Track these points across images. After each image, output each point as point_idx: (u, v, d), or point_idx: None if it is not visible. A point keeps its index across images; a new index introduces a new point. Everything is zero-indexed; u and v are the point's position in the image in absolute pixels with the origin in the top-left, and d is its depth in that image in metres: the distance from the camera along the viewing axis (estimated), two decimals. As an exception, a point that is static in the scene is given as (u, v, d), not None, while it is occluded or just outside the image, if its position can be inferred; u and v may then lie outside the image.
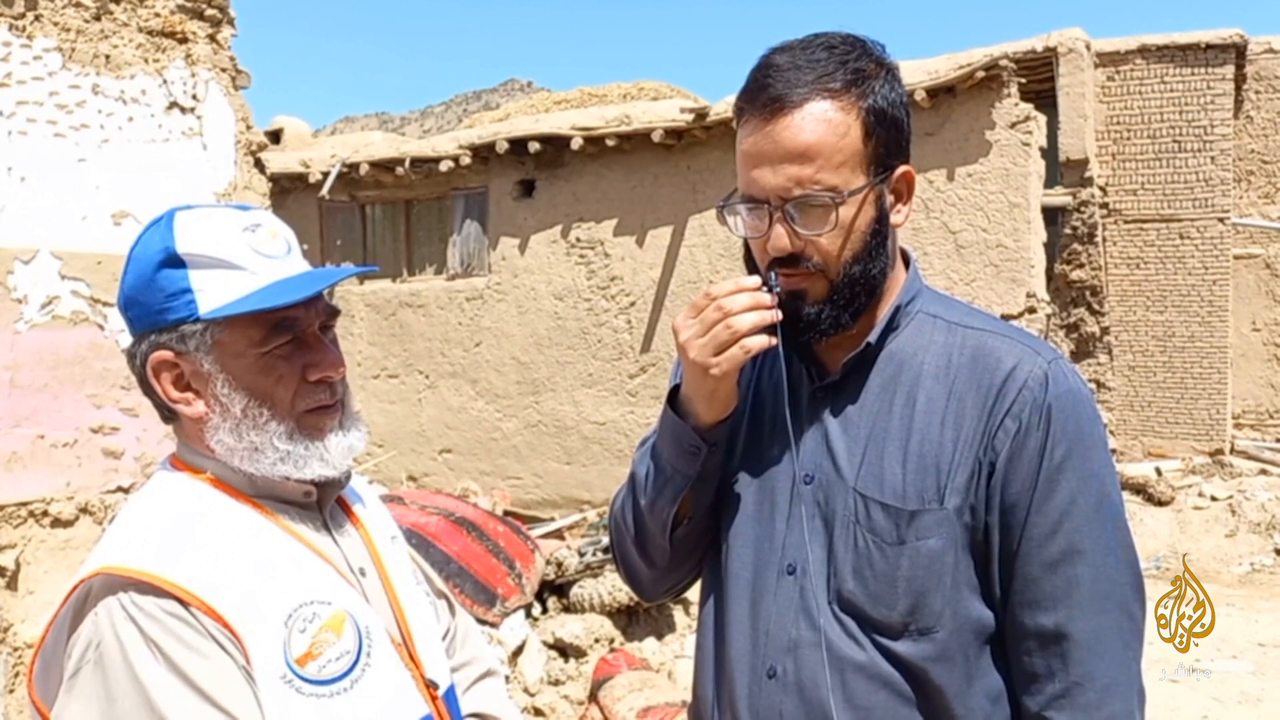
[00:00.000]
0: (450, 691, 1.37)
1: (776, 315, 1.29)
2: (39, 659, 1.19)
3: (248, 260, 1.23)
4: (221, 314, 1.20)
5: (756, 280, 1.31)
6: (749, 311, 1.28)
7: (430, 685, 1.31)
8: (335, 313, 1.31)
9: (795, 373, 1.41)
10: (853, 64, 1.29)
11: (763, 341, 1.29)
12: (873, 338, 1.35)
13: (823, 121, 1.26)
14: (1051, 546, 1.27)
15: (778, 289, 1.30)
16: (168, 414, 1.29)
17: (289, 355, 1.24)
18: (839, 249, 1.29)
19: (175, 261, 1.21)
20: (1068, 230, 11.27)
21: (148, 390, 1.27)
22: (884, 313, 1.37)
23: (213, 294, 1.21)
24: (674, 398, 1.38)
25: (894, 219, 1.34)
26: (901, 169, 1.34)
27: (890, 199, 1.34)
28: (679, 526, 1.43)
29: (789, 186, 1.27)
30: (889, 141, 1.31)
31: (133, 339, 1.27)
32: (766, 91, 1.28)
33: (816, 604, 1.32)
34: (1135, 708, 1.29)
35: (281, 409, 1.24)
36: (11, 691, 3.37)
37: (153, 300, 1.22)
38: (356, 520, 1.39)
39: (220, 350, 1.22)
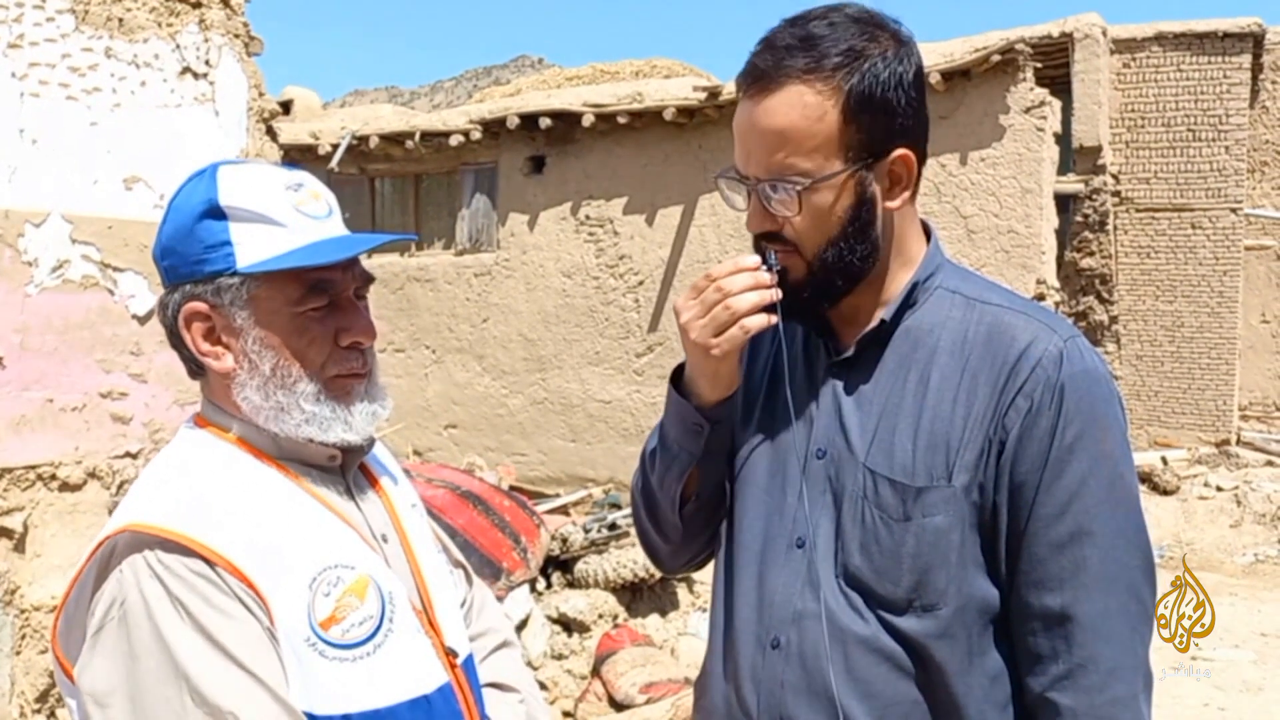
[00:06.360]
0: (469, 660, 1.37)
1: (776, 294, 1.29)
2: (62, 615, 1.18)
3: (289, 218, 1.22)
4: (260, 269, 1.19)
5: (756, 259, 1.30)
6: (748, 292, 1.28)
7: (450, 653, 1.31)
8: (370, 279, 1.30)
9: (813, 347, 1.41)
10: (848, 42, 1.25)
11: (762, 321, 1.29)
12: (887, 315, 1.34)
13: (796, 106, 1.24)
14: (1059, 527, 1.26)
15: (777, 267, 1.30)
16: (195, 368, 1.28)
17: (323, 318, 1.23)
18: (811, 234, 1.29)
19: (216, 213, 1.20)
20: (1079, 217, 11.21)
21: (176, 342, 1.26)
22: (900, 288, 1.36)
23: (252, 248, 1.20)
24: (679, 377, 1.39)
25: (887, 204, 1.31)
26: (898, 153, 1.29)
27: (883, 184, 1.30)
28: (687, 504, 1.44)
29: (760, 169, 1.27)
30: (875, 126, 1.27)
31: (166, 289, 1.26)
32: (754, 68, 1.27)
33: (823, 577, 1.32)
34: (1139, 691, 1.28)
35: (311, 370, 1.23)
36: (18, 653, 3.39)
37: (191, 251, 1.21)
38: (379, 486, 1.38)
39: (255, 306, 1.21)
